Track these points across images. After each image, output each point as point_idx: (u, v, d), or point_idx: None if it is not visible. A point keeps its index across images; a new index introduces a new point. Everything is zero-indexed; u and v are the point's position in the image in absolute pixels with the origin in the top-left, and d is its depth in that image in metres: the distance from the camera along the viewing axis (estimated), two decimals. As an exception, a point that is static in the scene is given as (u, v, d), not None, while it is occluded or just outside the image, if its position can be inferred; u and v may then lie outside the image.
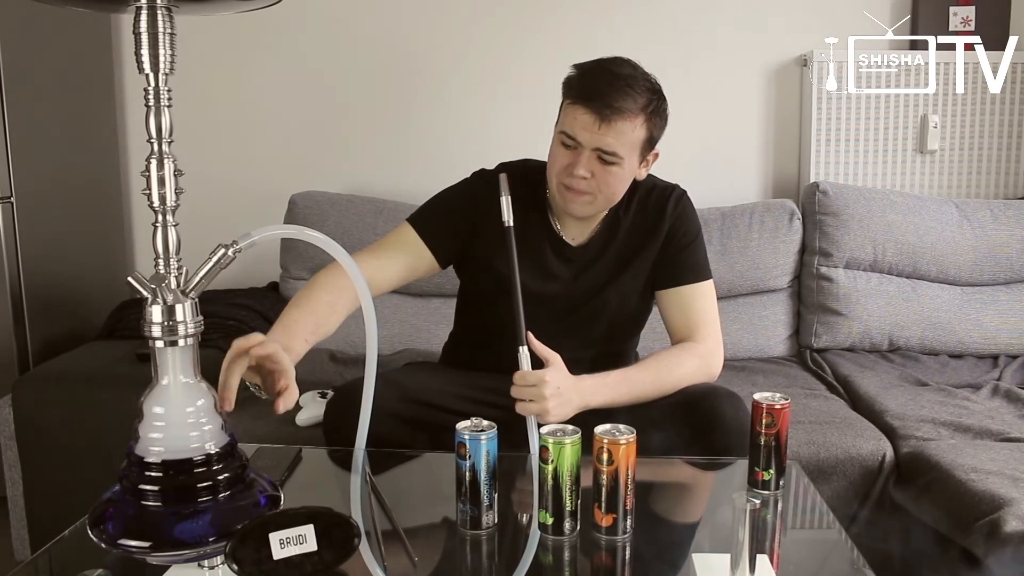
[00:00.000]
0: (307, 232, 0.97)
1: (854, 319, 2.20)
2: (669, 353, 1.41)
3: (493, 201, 1.35)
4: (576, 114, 1.32)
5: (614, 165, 1.33)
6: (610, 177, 1.34)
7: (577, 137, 1.32)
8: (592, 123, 1.30)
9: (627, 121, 1.30)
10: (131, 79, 2.51)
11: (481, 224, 1.44)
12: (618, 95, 1.29)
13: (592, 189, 1.35)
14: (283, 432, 1.63)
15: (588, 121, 1.30)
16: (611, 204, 1.42)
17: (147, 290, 0.80)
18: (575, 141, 1.33)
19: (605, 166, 1.33)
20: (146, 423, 0.82)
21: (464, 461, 1.00)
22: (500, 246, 1.33)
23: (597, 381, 1.31)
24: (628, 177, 1.38)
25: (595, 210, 1.41)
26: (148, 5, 0.78)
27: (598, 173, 1.33)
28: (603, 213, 1.45)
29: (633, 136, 1.32)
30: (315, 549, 0.82)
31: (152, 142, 0.80)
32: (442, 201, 1.49)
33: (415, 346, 2.20)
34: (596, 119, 1.30)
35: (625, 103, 1.29)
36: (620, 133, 1.30)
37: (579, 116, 1.31)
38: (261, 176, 2.53)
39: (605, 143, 1.31)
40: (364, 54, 2.48)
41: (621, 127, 1.30)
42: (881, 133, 2.36)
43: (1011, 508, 1.31)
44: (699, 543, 1.07)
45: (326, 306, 1.29)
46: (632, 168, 1.37)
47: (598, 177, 1.34)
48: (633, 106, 1.30)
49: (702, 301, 1.45)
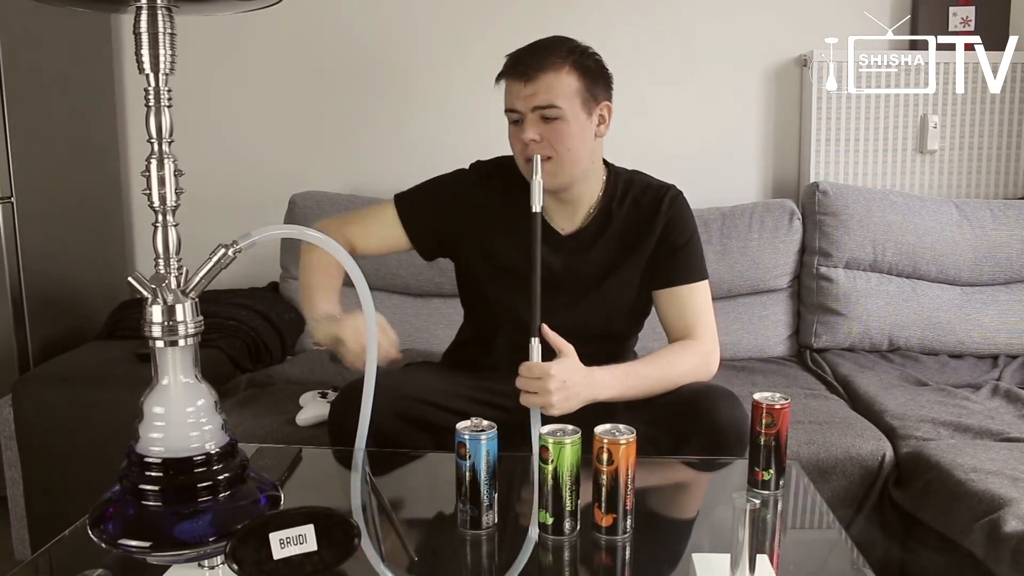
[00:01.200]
0: (307, 232, 0.97)
1: (854, 319, 2.20)
2: (671, 350, 1.42)
3: (483, 191, 1.43)
4: (508, 87, 1.38)
5: (558, 120, 1.35)
6: (558, 134, 1.36)
7: (514, 107, 1.37)
8: (519, 87, 1.35)
9: (550, 72, 1.34)
10: (131, 79, 2.51)
11: (469, 214, 1.48)
12: (535, 56, 1.36)
13: (549, 151, 1.36)
14: (283, 432, 1.63)
15: (516, 88, 1.36)
16: (578, 166, 1.41)
17: (147, 290, 0.80)
18: (515, 112, 1.37)
19: (550, 123, 1.36)
20: (146, 423, 0.82)
21: (464, 461, 1.00)
22: (498, 232, 1.39)
23: (607, 374, 1.32)
24: (582, 132, 1.39)
25: (566, 177, 1.41)
26: (148, 5, 0.78)
27: (546, 133, 1.36)
28: (590, 200, 1.46)
29: (563, 85, 1.35)
30: (315, 549, 0.82)
31: (152, 142, 0.80)
32: (430, 195, 1.52)
33: (415, 346, 2.20)
34: (521, 82, 1.35)
35: (544, 60, 1.35)
36: (549, 86, 1.34)
37: (510, 88, 1.38)
38: (261, 176, 2.53)
39: (538, 99, 1.34)
40: (364, 54, 2.48)
41: (547, 80, 1.34)
42: (881, 133, 2.36)
43: (1011, 508, 1.31)
44: (699, 543, 1.07)
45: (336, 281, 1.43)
46: (582, 122, 1.38)
47: (548, 137, 1.36)
48: (553, 59, 1.35)
49: (698, 301, 1.46)
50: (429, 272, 2.25)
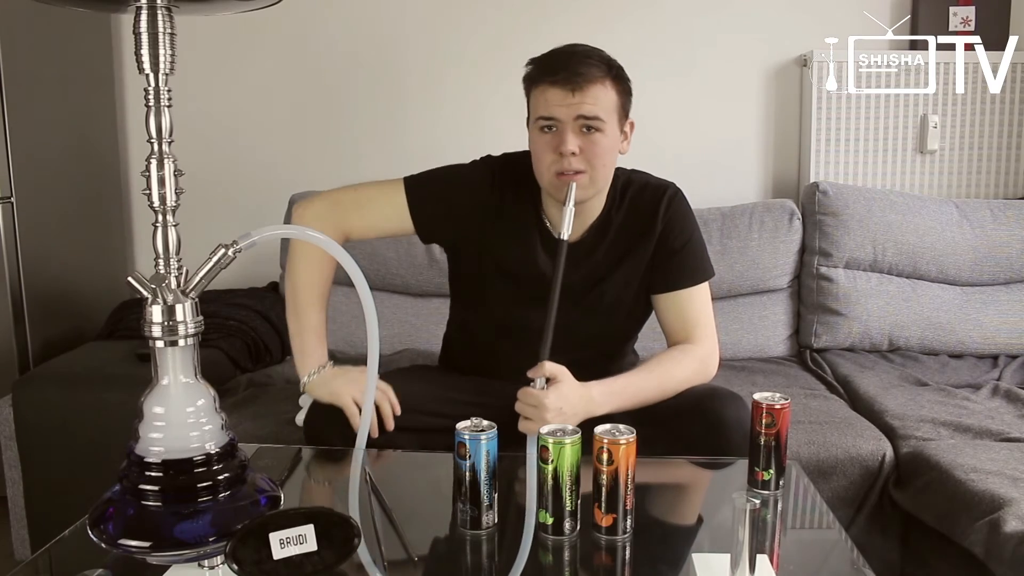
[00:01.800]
0: (307, 232, 0.97)
1: (854, 319, 2.20)
2: (669, 356, 1.41)
3: (495, 192, 1.40)
4: (547, 95, 1.32)
5: (598, 132, 1.32)
6: (597, 147, 1.33)
7: (555, 115, 1.31)
8: (565, 95, 1.30)
9: (598, 84, 1.31)
10: (131, 79, 2.51)
11: (478, 214, 1.44)
12: (581, 64, 1.31)
13: (584, 166, 1.33)
14: (283, 432, 1.63)
15: (561, 95, 1.30)
16: (604, 182, 1.39)
17: (147, 290, 0.80)
18: (554, 120, 1.32)
19: (590, 135, 1.32)
20: (146, 423, 0.82)
21: (464, 461, 1.00)
22: (504, 235, 1.36)
23: (604, 389, 1.31)
24: (614, 148, 1.37)
25: (591, 192, 1.38)
26: (148, 5, 0.78)
27: (585, 146, 1.32)
28: (596, 211, 1.44)
29: (607, 99, 1.32)
30: (315, 549, 0.82)
31: (152, 142, 0.80)
32: (441, 188, 1.46)
33: (415, 346, 2.20)
34: (568, 90, 1.30)
35: (590, 69, 1.31)
36: (596, 97, 1.31)
37: (551, 94, 1.31)
38: (261, 176, 2.52)
39: (584, 109, 1.30)
40: (364, 54, 2.48)
41: (595, 91, 1.31)
42: (881, 133, 2.36)
43: (1011, 508, 1.31)
44: (699, 543, 1.07)
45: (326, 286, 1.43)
46: (615, 137, 1.36)
47: (586, 150, 1.32)
48: (598, 72, 1.31)
49: (697, 303, 1.45)
50: (429, 272, 2.25)
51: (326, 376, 1.35)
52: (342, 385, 1.31)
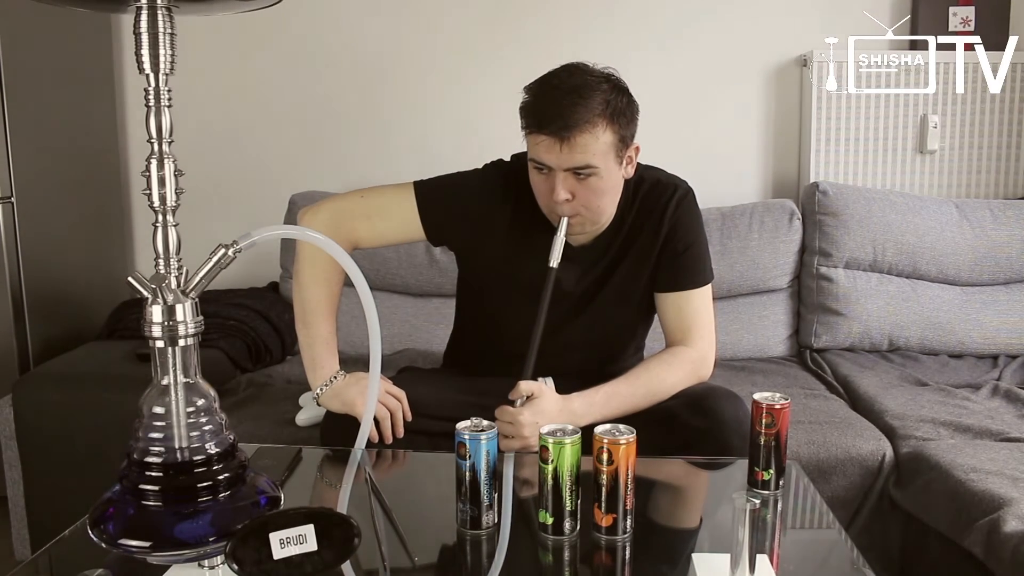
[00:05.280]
0: (307, 232, 0.97)
1: (854, 319, 2.20)
2: (659, 361, 1.41)
3: (507, 203, 1.39)
4: (537, 141, 1.29)
5: (591, 176, 1.29)
6: (591, 192, 1.30)
7: (545, 162, 1.29)
8: (553, 146, 1.26)
9: (587, 133, 1.25)
10: (131, 79, 2.51)
11: (487, 224, 1.43)
12: (570, 112, 1.25)
13: (577, 209, 1.32)
14: (283, 432, 1.63)
15: (549, 145, 1.27)
16: (606, 215, 1.38)
17: (147, 290, 0.80)
18: (545, 166, 1.30)
19: (582, 181, 1.29)
20: (146, 423, 0.82)
21: (464, 461, 1.00)
22: (512, 245, 1.35)
23: (585, 400, 1.32)
24: (613, 183, 1.34)
25: (593, 227, 1.38)
26: (148, 5, 0.78)
27: (578, 191, 1.30)
28: (610, 219, 1.42)
29: (599, 144, 1.27)
30: (315, 549, 0.82)
31: (152, 142, 0.80)
32: (452, 196, 1.44)
33: (415, 346, 2.20)
34: (555, 141, 1.26)
35: (579, 116, 1.25)
36: (584, 147, 1.26)
37: (540, 143, 1.28)
38: (261, 176, 2.53)
39: (573, 160, 1.27)
40: (363, 54, 2.48)
41: (583, 141, 1.26)
42: (881, 133, 2.36)
43: (1011, 508, 1.31)
44: (699, 543, 1.07)
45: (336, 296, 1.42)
46: (613, 172, 1.32)
47: (579, 196, 1.30)
48: (589, 115, 1.25)
49: (697, 304, 1.44)
50: (429, 272, 2.25)
51: (338, 387, 1.34)
52: (355, 396, 1.31)
